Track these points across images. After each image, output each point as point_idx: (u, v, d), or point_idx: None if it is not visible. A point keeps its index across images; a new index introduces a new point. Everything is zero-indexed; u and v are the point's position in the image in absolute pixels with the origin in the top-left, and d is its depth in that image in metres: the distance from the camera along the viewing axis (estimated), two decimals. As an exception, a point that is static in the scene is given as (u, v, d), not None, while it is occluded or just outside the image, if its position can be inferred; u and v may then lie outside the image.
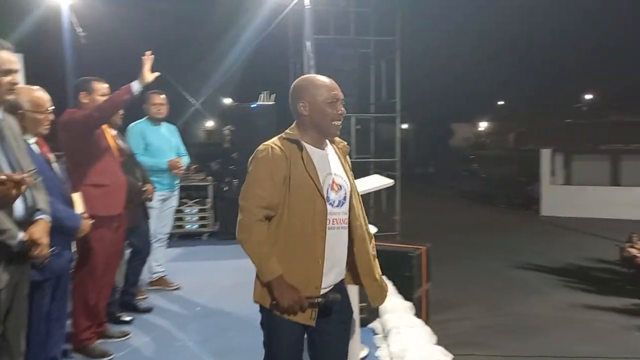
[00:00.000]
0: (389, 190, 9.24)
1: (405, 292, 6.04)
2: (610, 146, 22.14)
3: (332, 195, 2.23)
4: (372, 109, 9.64)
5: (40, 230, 2.42)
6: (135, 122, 4.89)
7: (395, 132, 9.29)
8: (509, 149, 40.09)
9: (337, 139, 2.40)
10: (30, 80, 6.21)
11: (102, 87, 3.63)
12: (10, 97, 2.38)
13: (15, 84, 2.39)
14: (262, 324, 2.32)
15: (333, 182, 2.26)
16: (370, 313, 3.86)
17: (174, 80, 7.88)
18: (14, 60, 2.38)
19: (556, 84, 33.85)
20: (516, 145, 31.74)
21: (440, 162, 35.56)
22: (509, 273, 13.59)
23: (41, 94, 2.94)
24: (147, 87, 4.93)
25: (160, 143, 4.87)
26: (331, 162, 2.30)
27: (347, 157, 2.44)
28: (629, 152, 21.82)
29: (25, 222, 2.38)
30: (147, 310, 4.45)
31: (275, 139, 2.26)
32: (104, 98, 3.53)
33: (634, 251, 12.43)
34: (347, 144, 2.47)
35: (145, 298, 4.76)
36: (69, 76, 7.75)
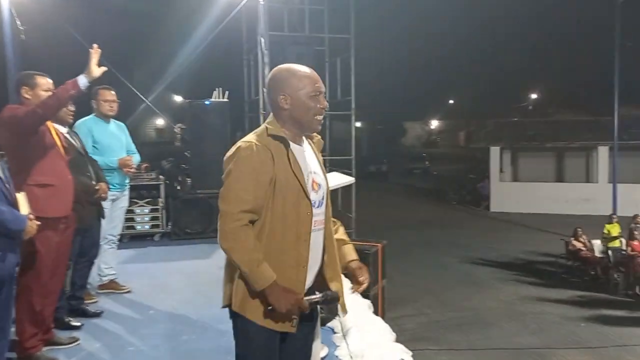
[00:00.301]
0: (344, 188, 9.28)
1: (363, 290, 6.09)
2: (555, 144, 22.96)
3: (313, 196, 2.11)
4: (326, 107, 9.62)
5: None
6: (82, 120, 4.68)
7: (350, 131, 9.30)
8: (459, 147, 41.05)
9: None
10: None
11: (45, 81, 3.45)
12: None
13: None
14: (235, 333, 2.14)
15: (313, 181, 2.14)
16: (329, 312, 3.83)
17: (123, 76, 7.61)
18: None
19: (504, 83, 34.77)
20: (466, 143, 32.54)
21: (393, 160, 36.01)
22: (461, 268, 13.90)
23: None
24: (96, 83, 4.78)
25: (110, 141, 4.69)
26: (309, 159, 2.17)
27: (314, 144, 2.30)
28: (572, 150, 22.69)
29: None
30: (97, 314, 4.28)
31: (255, 135, 2.09)
32: (48, 93, 3.36)
33: (578, 245, 12.92)
34: (322, 138, 2.37)
35: (95, 302, 4.58)
36: (10, 71, 7.39)
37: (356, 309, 3.96)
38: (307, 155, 2.18)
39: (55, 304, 3.65)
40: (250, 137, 2.08)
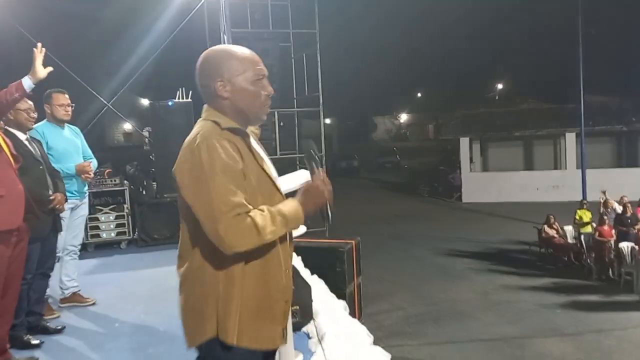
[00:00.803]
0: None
1: (338, 288, 5.96)
2: (522, 132, 23.23)
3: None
4: (295, 104, 9.46)
5: None
6: (34, 126, 4.43)
7: (319, 127, 9.15)
8: (428, 140, 41.30)
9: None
10: None
11: None
12: None
13: None
14: None
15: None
16: (303, 316, 3.68)
17: (82, 79, 7.32)
18: None
19: (471, 75, 35.12)
20: (436, 136, 32.74)
21: (363, 155, 36.03)
22: (435, 260, 13.90)
23: None
24: (49, 86, 4.52)
25: (65, 146, 4.44)
26: (261, 151, 1.93)
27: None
28: (540, 138, 22.99)
29: None
30: (59, 330, 4.03)
31: (205, 132, 1.73)
32: None
33: (551, 232, 13.03)
34: (258, 127, 2.18)
35: (56, 317, 4.33)
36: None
37: (331, 312, 3.82)
38: (259, 148, 1.93)
39: (10, 323, 3.40)
40: (204, 133, 1.73)
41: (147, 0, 7.58)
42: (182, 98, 6.92)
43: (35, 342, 3.75)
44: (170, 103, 6.83)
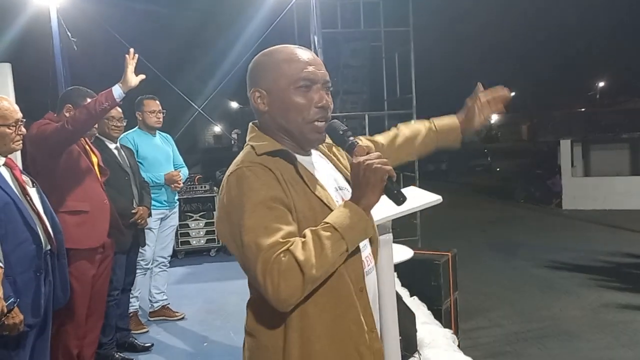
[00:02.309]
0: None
1: (432, 304, 5.52)
2: (630, 134, 21.42)
3: None
4: (385, 106, 9.03)
5: None
6: (125, 133, 4.32)
7: (410, 130, 8.65)
8: (522, 141, 39.31)
9: None
10: (19, 92, 5.70)
11: None
12: None
13: None
14: None
15: (343, 200, 1.44)
16: (407, 348, 3.26)
17: (173, 84, 7.30)
18: None
19: (567, 73, 32.98)
20: (530, 137, 31.04)
21: (452, 157, 34.84)
22: (535, 272, 12.90)
23: (7, 104, 2.41)
24: (140, 92, 4.40)
25: (156, 155, 4.30)
26: (326, 170, 1.51)
27: (334, 148, 1.59)
28: (649, 140, 21.10)
29: None
30: (146, 348, 3.91)
31: (244, 157, 1.39)
32: None
33: (669, 245, 11.72)
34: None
35: (145, 332, 4.22)
36: (60, 86, 7.21)
37: (439, 345, 3.37)
38: (322, 165, 1.51)
39: (96, 342, 3.28)
40: (235, 163, 1.39)
41: (236, 4, 7.46)
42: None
43: (119, 357, 3.63)
44: (255, 108, 6.64)
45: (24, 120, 2.46)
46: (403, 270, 5.42)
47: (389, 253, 2.25)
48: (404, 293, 4.42)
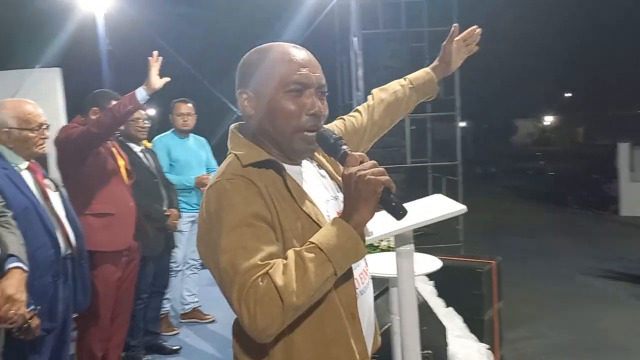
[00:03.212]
0: (449, 194, 8.41)
1: (473, 315, 5.32)
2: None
3: None
4: (428, 108, 8.82)
5: (14, 284, 1.86)
6: (159, 136, 4.36)
7: (454, 132, 8.44)
8: (577, 144, 37.88)
9: None
10: (69, 96, 5.85)
11: None
12: None
13: None
14: None
15: (338, 214, 1.32)
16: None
17: (214, 87, 7.35)
18: None
19: (625, 71, 31.53)
20: (586, 140, 29.90)
21: (501, 160, 33.95)
22: (586, 282, 12.34)
23: (30, 108, 2.44)
24: (173, 95, 4.43)
25: (188, 158, 4.31)
26: (317, 179, 1.39)
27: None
28: None
29: None
30: (175, 350, 3.93)
31: (224, 168, 1.27)
32: None
33: None
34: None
35: (176, 333, 4.24)
36: (104, 87, 7.39)
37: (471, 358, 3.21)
38: (312, 174, 1.38)
39: (122, 345, 3.29)
40: (216, 175, 1.27)
41: (276, 6, 7.45)
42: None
43: (148, 361, 3.65)
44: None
45: (48, 124, 2.48)
46: (442, 279, 5.24)
47: (410, 265, 2.14)
48: (439, 304, 4.25)
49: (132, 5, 7.10)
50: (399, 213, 1.20)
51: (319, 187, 1.37)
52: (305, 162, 1.38)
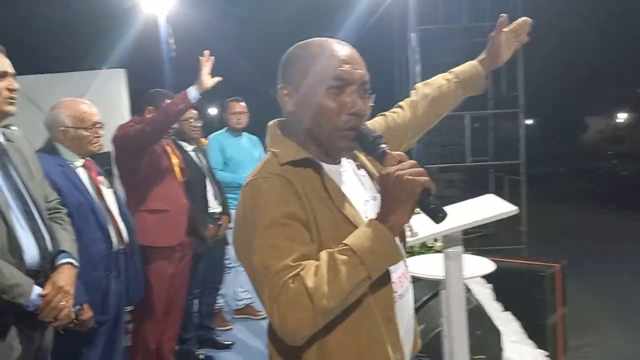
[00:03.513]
0: (512, 195, 8.11)
1: (535, 320, 5.11)
2: None
3: None
4: (490, 105, 8.56)
5: (65, 278, 1.93)
6: (214, 134, 4.43)
7: (518, 130, 8.14)
8: (656, 142, 35.81)
9: None
10: (134, 96, 6.07)
11: None
12: (10, 108, 1.92)
13: (14, 90, 1.92)
14: None
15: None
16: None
17: (274, 86, 7.40)
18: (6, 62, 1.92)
19: None
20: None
21: (569, 160, 32.56)
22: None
23: (85, 107, 2.52)
24: (227, 94, 4.49)
25: (241, 156, 4.35)
26: (355, 178, 1.34)
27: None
28: None
29: (42, 271, 1.90)
30: (227, 345, 3.98)
31: (261, 166, 1.26)
32: None
33: None
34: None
35: (229, 329, 4.30)
36: (166, 88, 7.60)
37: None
38: (351, 174, 1.33)
39: (174, 338, 3.36)
40: (252, 173, 1.26)
41: (332, 3, 7.43)
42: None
43: (202, 356, 3.71)
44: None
45: (103, 123, 2.55)
46: (501, 282, 5.07)
47: (459, 267, 2.06)
48: (496, 307, 4.10)
49: (192, 7, 7.27)
50: (437, 216, 1.14)
51: (357, 187, 1.32)
52: (344, 161, 1.34)
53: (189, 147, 3.71)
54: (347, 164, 1.35)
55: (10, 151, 1.95)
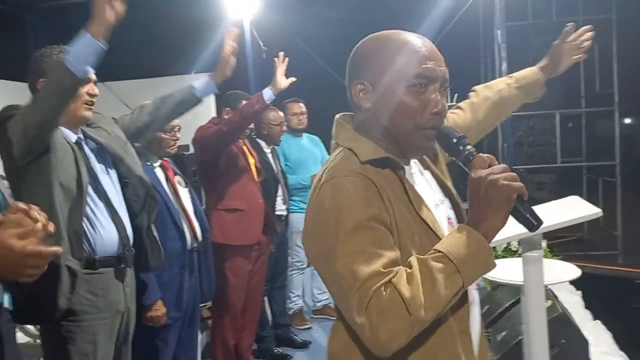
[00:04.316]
0: (606, 197, 7.60)
1: (632, 330, 4.78)
2: None
3: None
4: (582, 103, 8.09)
5: None
6: None
7: (613, 129, 7.63)
8: None
9: None
10: (219, 100, 6.30)
11: None
12: (87, 114, 2.00)
13: (94, 95, 2.00)
14: None
15: (448, 220, 1.26)
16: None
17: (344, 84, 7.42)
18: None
19: None
20: None
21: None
22: None
23: None
24: (286, 96, 4.49)
25: (303, 157, 4.31)
26: (423, 181, 1.28)
27: (438, 151, 1.34)
28: None
29: (123, 257, 1.97)
30: (305, 344, 4.02)
31: (341, 162, 1.17)
32: None
33: None
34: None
35: (308, 328, 4.34)
36: (252, 91, 7.80)
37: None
38: (418, 176, 1.27)
39: (252, 336, 3.44)
40: (330, 170, 1.16)
41: (412, 2, 7.32)
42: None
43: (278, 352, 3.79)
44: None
45: (181, 126, 2.64)
46: (592, 289, 4.79)
47: (538, 272, 1.96)
48: (585, 316, 3.87)
49: (276, 10, 7.41)
50: (533, 225, 1.08)
51: (427, 190, 1.26)
52: (411, 162, 1.28)
53: (266, 148, 3.79)
54: (414, 165, 1.29)
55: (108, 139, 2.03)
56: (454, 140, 1.16)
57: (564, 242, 6.72)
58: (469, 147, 1.14)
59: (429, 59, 1.16)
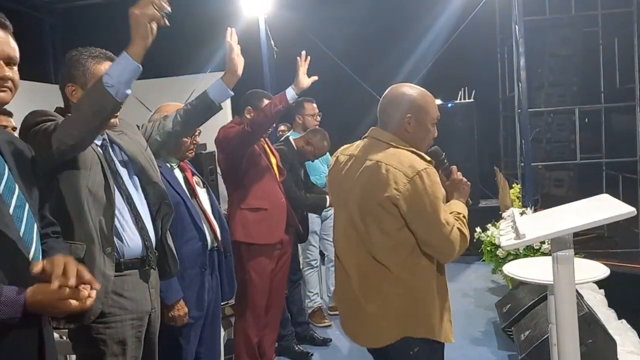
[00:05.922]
0: (626, 194, 7.49)
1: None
2: None
3: None
4: (602, 98, 7.98)
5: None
6: (285, 136, 4.42)
7: (634, 125, 7.52)
8: None
9: None
10: (234, 99, 6.30)
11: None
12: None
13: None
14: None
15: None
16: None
17: (366, 83, 7.38)
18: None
19: None
20: None
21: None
22: None
23: None
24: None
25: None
26: None
27: None
28: None
29: (146, 259, 1.96)
30: (325, 342, 4.03)
31: (416, 158, 1.92)
32: None
33: None
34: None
35: (328, 325, 4.34)
36: (266, 89, 7.79)
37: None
38: None
39: (275, 334, 3.45)
40: (419, 163, 1.91)
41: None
42: (464, 99, 6.40)
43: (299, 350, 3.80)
44: (449, 105, 6.41)
45: (200, 131, 2.63)
46: (615, 288, 4.72)
47: (569, 271, 1.93)
48: (610, 315, 3.82)
49: (290, 9, 7.38)
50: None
51: None
52: None
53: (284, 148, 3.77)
54: None
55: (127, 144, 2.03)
56: (442, 158, 2.15)
57: (584, 240, 6.63)
58: (446, 162, 2.16)
59: (438, 109, 2.06)
